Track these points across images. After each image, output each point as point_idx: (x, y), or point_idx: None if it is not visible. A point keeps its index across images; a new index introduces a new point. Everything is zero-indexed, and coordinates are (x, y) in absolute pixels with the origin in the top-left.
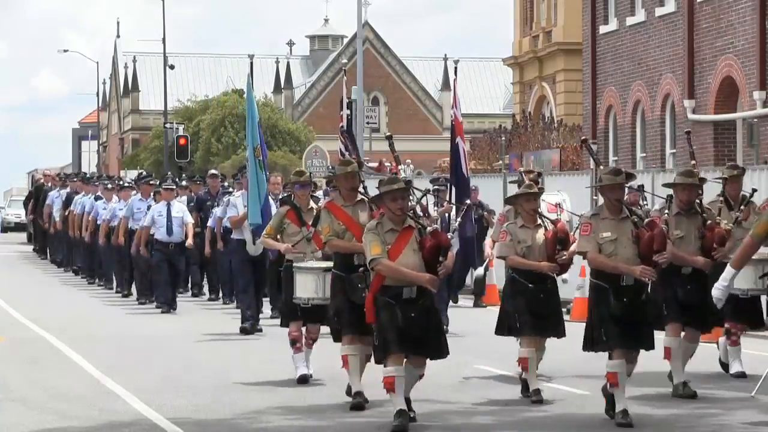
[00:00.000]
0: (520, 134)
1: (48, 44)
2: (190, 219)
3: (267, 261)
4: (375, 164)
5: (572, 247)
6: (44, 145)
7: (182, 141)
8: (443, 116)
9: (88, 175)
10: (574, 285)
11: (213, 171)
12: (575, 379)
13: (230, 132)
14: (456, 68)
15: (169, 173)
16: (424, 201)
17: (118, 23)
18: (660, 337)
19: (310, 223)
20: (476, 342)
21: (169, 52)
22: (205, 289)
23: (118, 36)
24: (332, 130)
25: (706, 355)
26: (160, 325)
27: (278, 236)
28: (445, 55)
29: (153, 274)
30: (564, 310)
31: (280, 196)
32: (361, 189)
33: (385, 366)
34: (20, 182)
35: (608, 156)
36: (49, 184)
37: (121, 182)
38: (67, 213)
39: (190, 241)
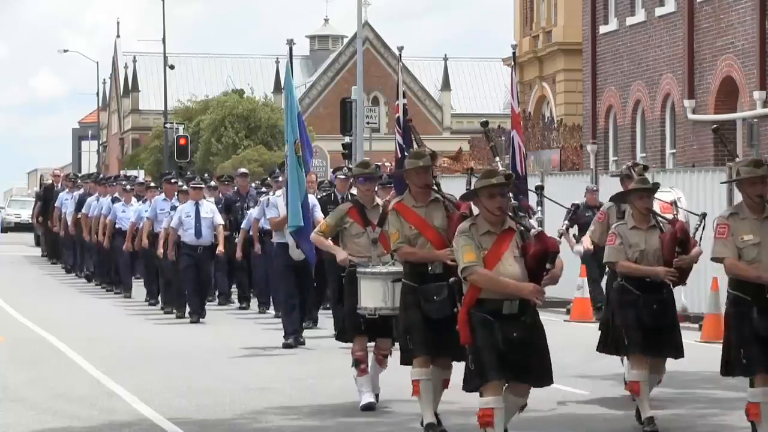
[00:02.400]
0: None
1: (48, 44)
2: (220, 220)
3: (312, 266)
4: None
5: (693, 251)
6: (44, 145)
7: (182, 141)
8: (443, 116)
9: (102, 176)
10: (574, 284)
11: (243, 170)
12: (575, 379)
13: (230, 132)
14: (514, 54)
15: (191, 173)
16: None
17: (118, 23)
18: None
19: (375, 222)
20: None
21: (169, 52)
22: (234, 297)
23: (118, 36)
24: (332, 129)
25: (708, 356)
26: (167, 328)
27: (338, 238)
28: (445, 55)
29: (180, 281)
30: (563, 310)
31: (318, 196)
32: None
33: (481, 395)
34: (20, 182)
35: (608, 156)
36: (59, 185)
37: (146, 182)
38: (79, 216)
39: (221, 248)
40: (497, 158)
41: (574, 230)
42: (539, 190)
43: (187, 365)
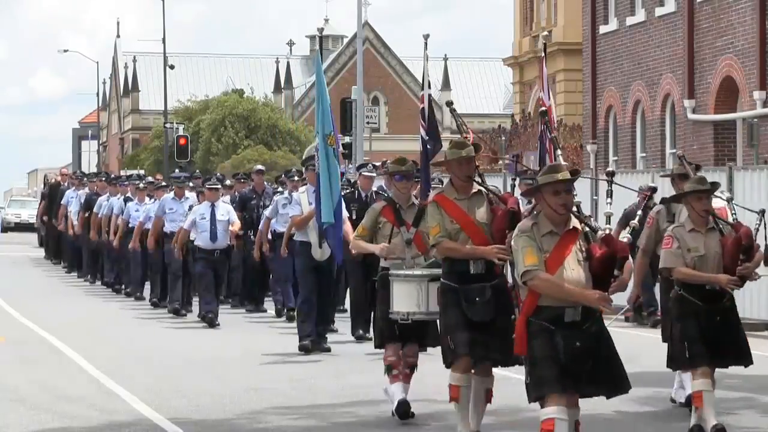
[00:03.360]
0: (520, 134)
1: (48, 44)
2: (236, 219)
3: (335, 268)
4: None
5: (756, 257)
6: (44, 145)
7: (182, 141)
8: (443, 116)
9: (113, 175)
10: None
11: (259, 167)
12: None
13: (230, 132)
14: (545, 45)
15: (198, 172)
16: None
17: (118, 23)
18: None
19: (410, 221)
20: None
21: (169, 52)
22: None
23: (118, 36)
24: None
25: None
26: (167, 329)
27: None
28: (445, 55)
29: (196, 285)
30: None
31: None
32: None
33: (543, 407)
34: (20, 182)
35: (608, 156)
36: (66, 184)
37: (157, 181)
38: (86, 215)
39: (234, 228)
40: (558, 151)
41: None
42: (610, 176)
43: (187, 365)
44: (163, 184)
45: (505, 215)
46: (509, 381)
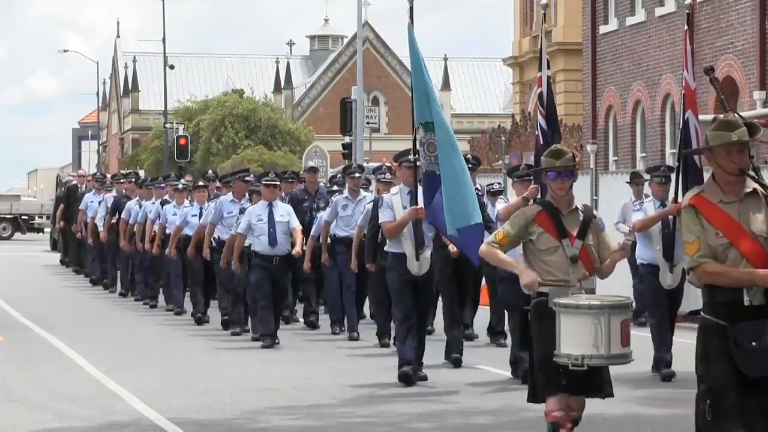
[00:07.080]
0: (520, 134)
1: (47, 44)
2: (297, 224)
3: (434, 283)
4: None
5: None
6: (44, 145)
7: (182, 141)
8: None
9: (142, 178)
10: None
11: (311, 164)
12: None
13: (230, 132)
14: (689, 14)
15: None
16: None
17: (118, 23)
18: None
19: (574, 232)
20: (478, 343)
21: (169, 52)
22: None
23: (118, 36)
24: (332, 129)
25: None
26: (167, 329)
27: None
28: (445, 55)
29: (250, 296)
30: None
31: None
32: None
33: None
34: (20, 182)
35: (608, 156)
36: (84, 186)
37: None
38: (113, 220)
39: (298, 249)
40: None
41: None
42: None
43: (187, 365)
44: (201, 184)
45: None
46: (510, 382)
